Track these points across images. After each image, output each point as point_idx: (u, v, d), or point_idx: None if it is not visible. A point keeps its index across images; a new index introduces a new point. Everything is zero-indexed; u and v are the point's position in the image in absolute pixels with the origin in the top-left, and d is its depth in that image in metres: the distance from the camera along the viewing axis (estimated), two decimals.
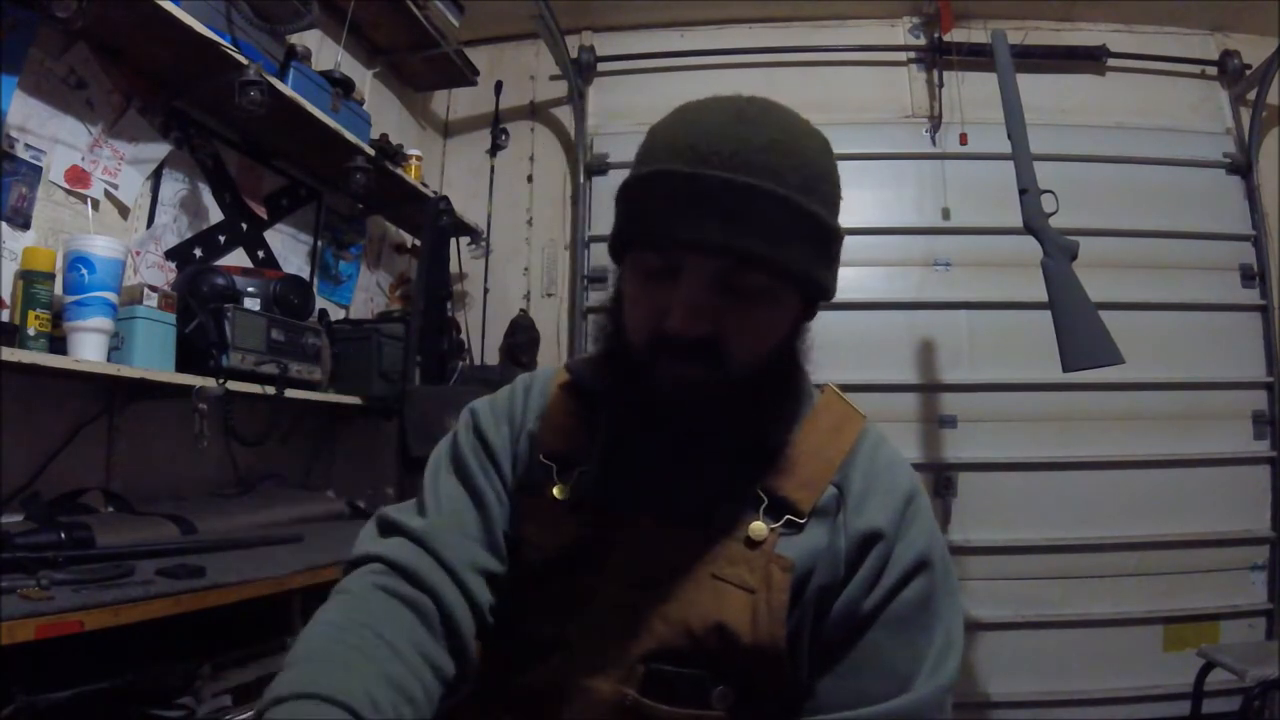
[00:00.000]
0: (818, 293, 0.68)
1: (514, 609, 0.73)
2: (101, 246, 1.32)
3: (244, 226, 1.97)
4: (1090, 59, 2.82)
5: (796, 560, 0.65)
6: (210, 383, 1.49)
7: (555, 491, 0.71)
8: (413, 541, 0.69)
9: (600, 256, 2.78)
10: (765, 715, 0.66)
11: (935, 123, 2.81)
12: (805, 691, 0.66)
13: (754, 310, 0.63)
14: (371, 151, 2.07)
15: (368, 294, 2.57)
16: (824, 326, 0.75)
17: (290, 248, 2.15)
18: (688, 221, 0.60)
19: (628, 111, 2.87)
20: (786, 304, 0.66)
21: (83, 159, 1.49)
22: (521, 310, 2.75)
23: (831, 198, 0.65)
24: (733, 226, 0.59)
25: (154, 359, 1.42)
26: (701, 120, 0.63)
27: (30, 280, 1.26)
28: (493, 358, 2.70)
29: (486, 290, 2.80)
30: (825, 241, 0.64)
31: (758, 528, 0.65)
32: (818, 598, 0.65)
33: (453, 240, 2.47)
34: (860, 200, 2.79)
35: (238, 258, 1.94)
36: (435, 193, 2.39)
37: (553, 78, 2.96)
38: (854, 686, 0.64)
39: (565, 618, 0.69)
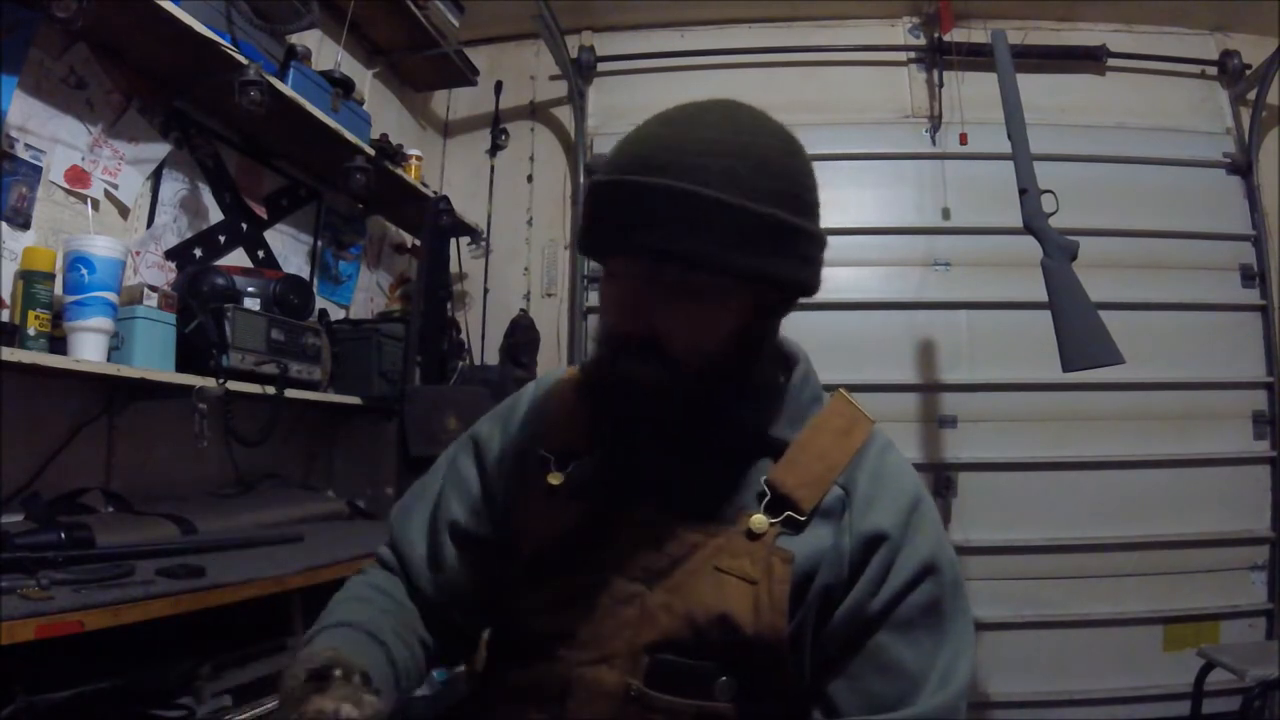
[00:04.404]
0: (779, 288, 0.67)
1: (518, 603, 0.74)
2: (101, 246, 1.32)
3: (244, 226, 1.97)
4: (1090, 59, 2.82)
5: (798, 556, 0.66)
6: (210, 383, 1.49)
7: (551, 479, 0.73)
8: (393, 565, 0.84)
9: None
10: (767, 707, 0.66)
11: (935, 123, 2.81)
12: (816, 694, 0.66)
13: (689, 307, 0.65)
14: (371, 151, 2.07)
15: (368, 294, 2.57)
16: (824, 326, 0.76)
17: (290, 248, 2.15)
18: (608, 226, 0.64)
19: (628, 111, 2.87)
20: (730, 300, 0.66)
21: (83, 159, 1.49)
22: (521, 310, 2.75)
23: (786, 195, 0.64)
24: (650, 228, 0.61)
25: (154, 359, 1.42)
26: (654, 129, 0.66)
27: (30, 280, 1.25)
28: (493, 358, 2.69)
29: (486, 290, 2.80)
30: (778, 237, 0.64)
31: (758, 521, 0.66)
32: (822, 597, 0.66)
33: (453, 240, 2.47)
34: (860, 200, 2.79)
35: (238, 258, 1.93)
36: (435, 193, 2.39)
37: (553, 78, 2.96)
38: (864, 689, 0.64)
39: (569, 610, 0.70)
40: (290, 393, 1.70)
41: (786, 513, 0.67)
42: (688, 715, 0.65)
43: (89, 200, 1.51)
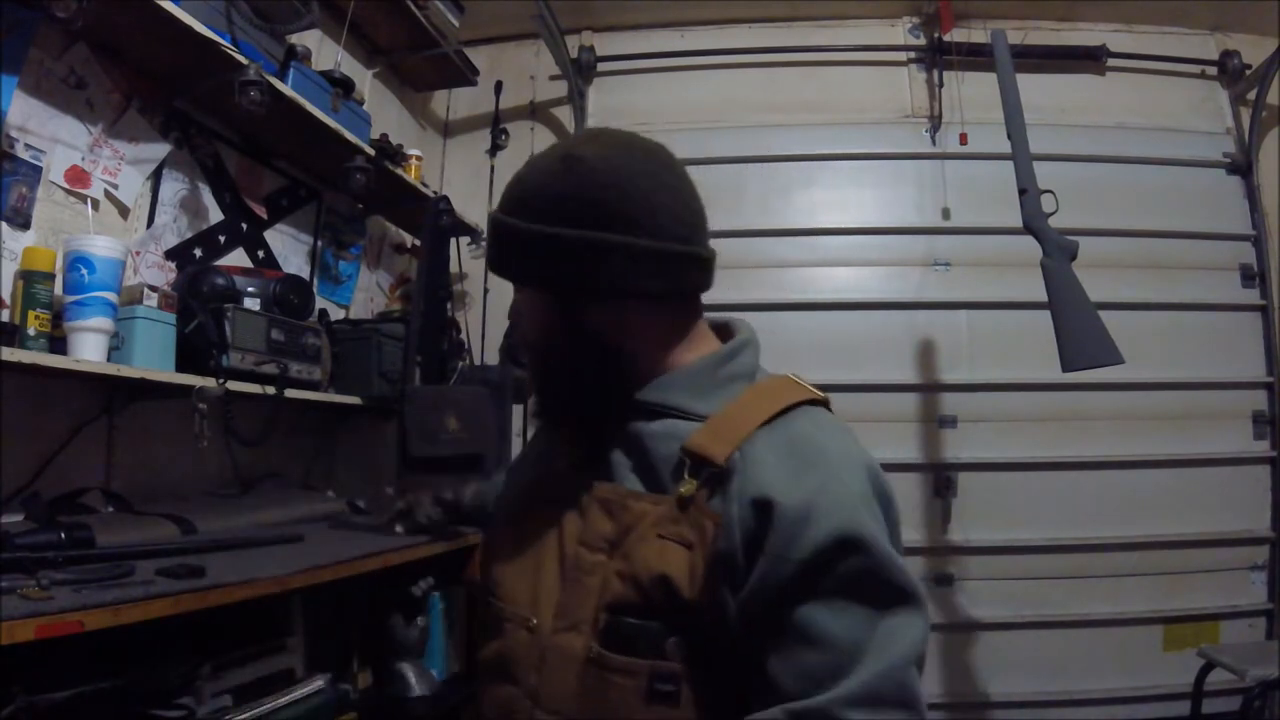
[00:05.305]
0: (552, 285, 0.77)
1: (498, 579, 0.81)
2: (101, 246, 1.31)
3: (244, 226, 1.97)
4: (1090, 59, 2.83)
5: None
6: (210, 383, 1.49)
7: (562, 462, 0.83)
8: None
9: None
10: (718, 668, 0.68)
11: (935, 123, 2.81)
12: (758, 674, 0.67)
13: (519, 302, 0.84)
14: (371, 151, 2.07)
15: (368, 294, 2.57)
16: (824, 326, 0.76)
17: (290, 248, 2.15)
18: None
19: (628, 111, 2.86)
20: (529, 294, 0.81)
21: (83, 159, 1.49)
22: None
23: (554, 213, 0.74)
24: (488, 247, 0.83)
25: (154, 359, 1.42)
26: None
27: (30, 280, 1.25)
28: (493, 358, 2.69)
29: (486, 290, 2.80)
30: (547, 247, 0.74)
31: (687, 485, 0.70)
32: (724, 564, 0.67)
33: (453, 240, 2.47)
34: (860, 200, 2.79)
35: (238, 258, 1.93)
36: (435, 193, 2.39)
37: (553, 78, 2.96)
38: (797, 662, 0.64)
39: (543, 583, 0.76)
40: (290, 393, 1.70)
41: (706, 471, 0.69)
42: (643, 674, 0.67)
43: (89, 200, 1.51)
